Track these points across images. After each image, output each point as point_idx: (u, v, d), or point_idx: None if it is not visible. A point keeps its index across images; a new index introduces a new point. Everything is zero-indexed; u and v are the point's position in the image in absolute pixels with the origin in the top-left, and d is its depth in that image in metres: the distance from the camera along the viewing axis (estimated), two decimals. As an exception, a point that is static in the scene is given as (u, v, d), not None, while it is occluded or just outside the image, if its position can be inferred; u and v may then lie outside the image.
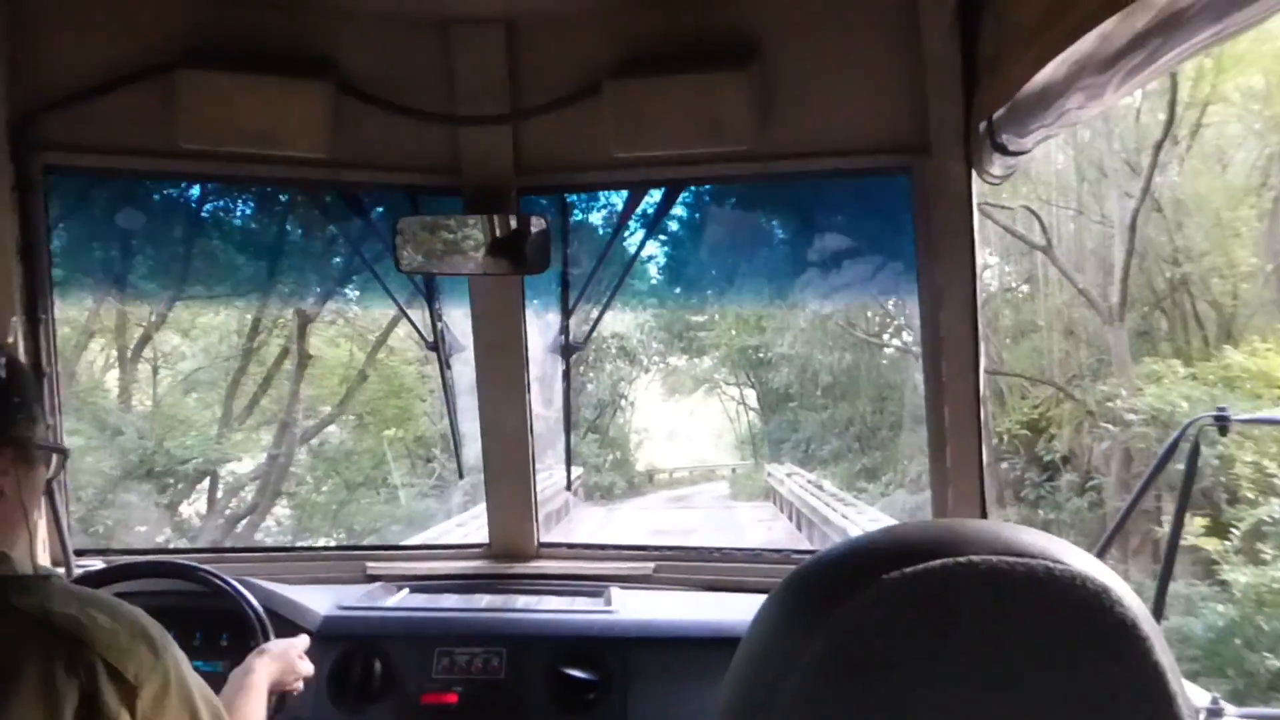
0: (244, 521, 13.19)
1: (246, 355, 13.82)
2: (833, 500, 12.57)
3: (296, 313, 12.34)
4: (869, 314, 17.68)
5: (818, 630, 0.67)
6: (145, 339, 13.19)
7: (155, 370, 14.21)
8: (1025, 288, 16.27)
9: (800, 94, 2.22)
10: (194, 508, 13.50)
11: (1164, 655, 0.66)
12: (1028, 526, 0.72)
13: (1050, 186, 14.80)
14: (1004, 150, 1.93)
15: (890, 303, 15.57)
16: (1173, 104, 12.41)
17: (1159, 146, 12.75)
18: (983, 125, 1.97)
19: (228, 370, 13.98)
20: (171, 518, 12.72)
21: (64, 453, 1.57)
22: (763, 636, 0.74)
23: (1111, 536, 2.09)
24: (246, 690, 1.72)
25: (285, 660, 1.88)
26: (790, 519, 14.87)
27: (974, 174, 2.15)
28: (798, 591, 0.73)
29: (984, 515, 2.32)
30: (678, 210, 2.63)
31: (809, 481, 15.09)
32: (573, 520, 15.36)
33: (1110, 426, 12.37)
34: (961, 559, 0.66)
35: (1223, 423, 2.05)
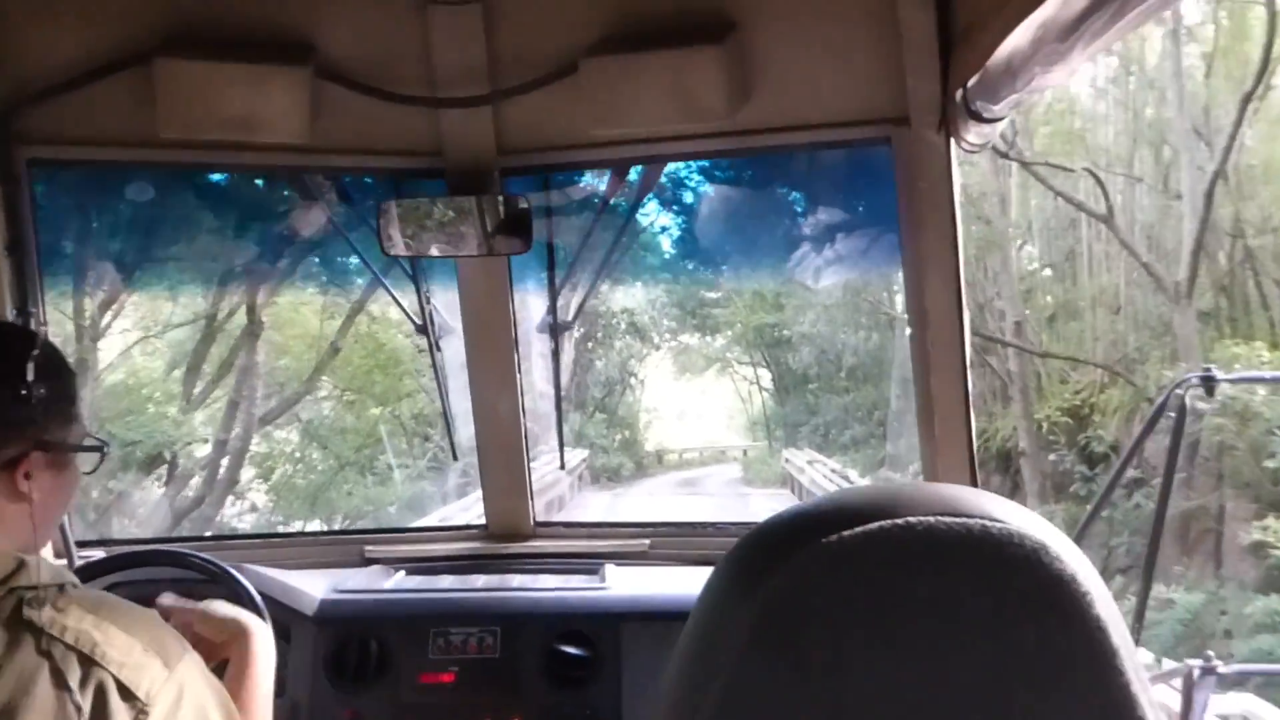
0: (202, 506, 13.08)
1: (207, 340, 13.68)
2: (860, 492, 12.00)
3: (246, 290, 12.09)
4: (895, 288, 16.72)
5: (753, 597, 0.66)
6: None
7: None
8: (1065, 264, 15.40)
9: (777, 67, 2.22)
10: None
11: (1106, 609, 0.66)
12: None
13: (1105, 152, 13.79)
14: (979, 118, 1.93)
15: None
16: (1269, 44, 11.22)
17: (1247, 99, 11.73)
18: (958, 94, 1.97)
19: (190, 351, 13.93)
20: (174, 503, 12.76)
21: (102, 449, 1.47)
22: (708, 605, 0.73)
23: (1094, 512, 2.10)
24: (249, 678, 1.64)
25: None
26: (810, 509, 14.31)
27: (953, 143, 2.15)
28: (738, 560, 0.72)
29: (974, 484, 2.33)
30: (668, 188, 2.63)
31: (833, 470, 14.33)
32: (573, 507, 14.55)
33: (1174, 415, 11.63)
34: (899, 520, 0.65)
35: (1209, 383, 2.06)
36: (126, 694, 1.19)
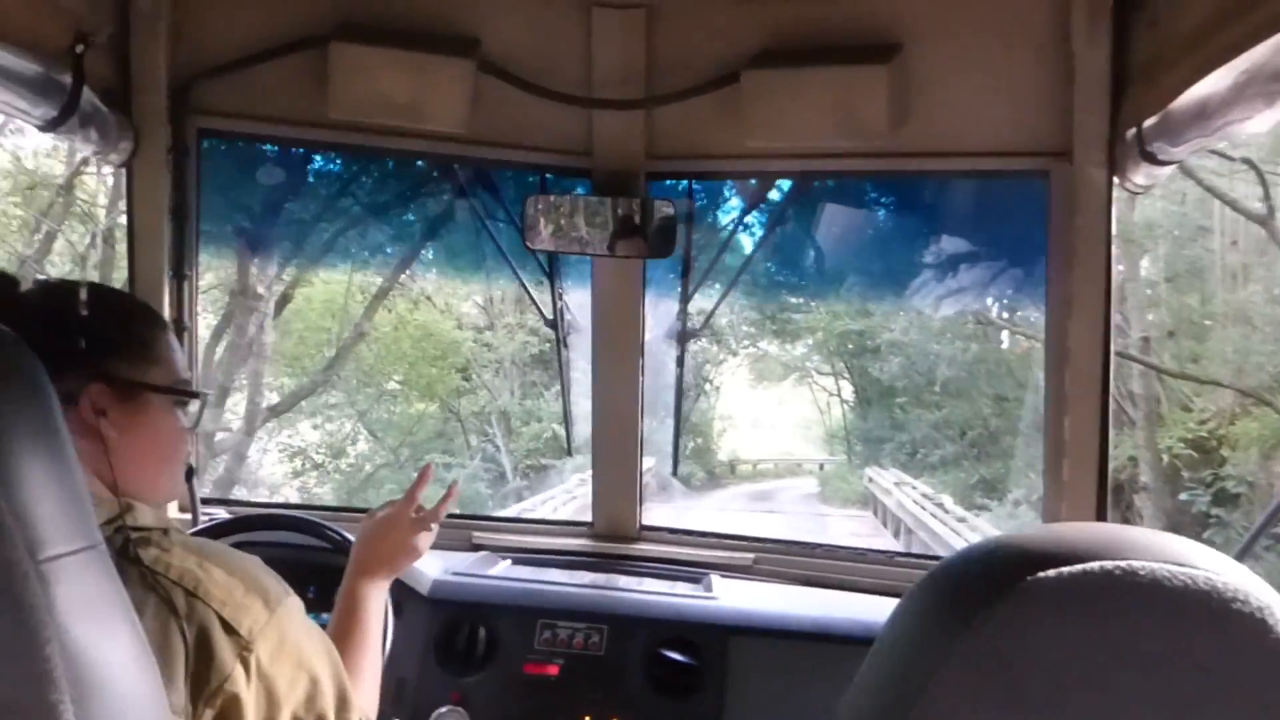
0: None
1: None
2: (957, 525, 10.96)
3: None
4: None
5: (965, 628, 0.65)
6: (285, 298, 13.31)
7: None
8: (1188, 277, 13.72)
9: (939, 92, 2.19)
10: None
11: None
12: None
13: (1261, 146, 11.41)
14: (1152, 159, 1.88)
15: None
16: None
17: None
18: (1130, 133, 1.92)
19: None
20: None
21: (196, 395, 1.48)
22: (903, 635, 0.72)
23: (1253, 540, 2.00)
24: (356, 632, 1.66)
25: (393, 549, 1.77)
26: (896, 535, 13.28)
27: (1115, 182, 2.10)
28: (943, 588, 0.71)
29: None
30: (804, 204, 2.61)
31: (924, 496, 13.12)
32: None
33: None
34: (1121, 563, 0.64)
35: None
36: (230, 630, 1.21)
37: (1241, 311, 12.59)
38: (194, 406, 1.51)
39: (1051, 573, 0.64)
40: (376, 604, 1.74)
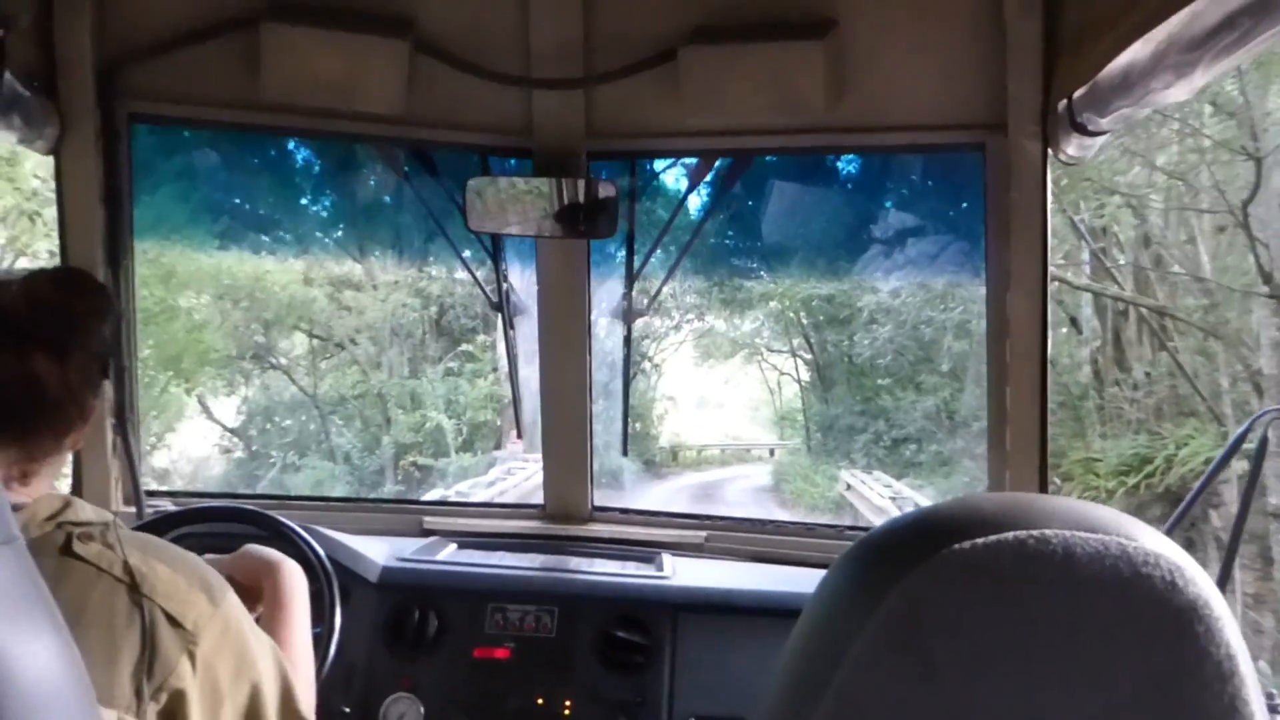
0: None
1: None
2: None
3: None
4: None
5: (882, 598, 0.65)
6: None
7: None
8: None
9: (876, 67, 2.20)
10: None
11: (1236, 637, 0.65)
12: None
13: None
14: (1083, 130, 1.90)
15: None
16: None
17: None
18: (1062, 104, 1.94)
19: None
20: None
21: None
22: (826, 605, 0.73)
23: (1177, 520, 2.06)
24: (283, 625, 1.60)
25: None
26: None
27: (1050, 153, 2.12)
28: (864, 559, 0.72)
29: None
30: (746, 180, 2.62)
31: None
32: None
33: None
34: (1035, 532, 0.64)
35: None
36: (175, 623, 1.21)
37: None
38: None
39: (967, 544, 0.65)
40: (298, 586, 1.67)
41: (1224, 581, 1.83)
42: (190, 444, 14.29)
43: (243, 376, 14.69)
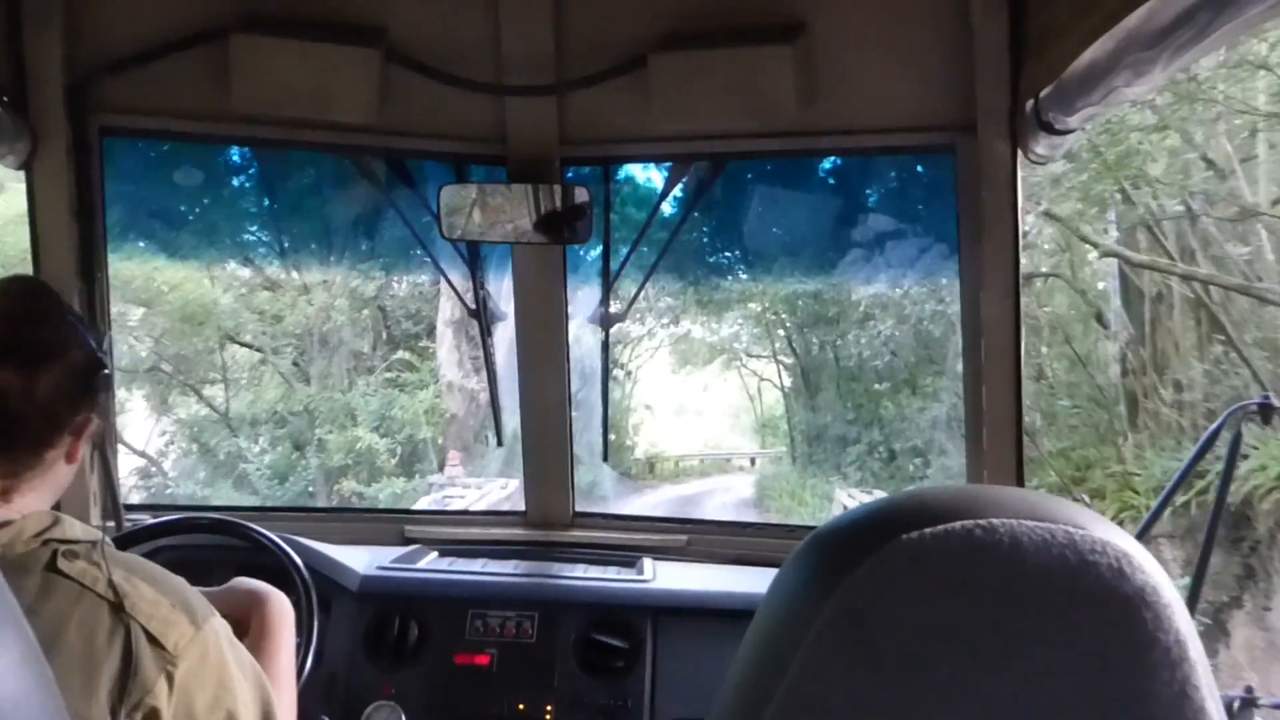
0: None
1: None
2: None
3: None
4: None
5: (832, 591, 0.66)
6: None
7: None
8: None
9: (845, 70, 2.21)
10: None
11: (1185, 623, 0.65)
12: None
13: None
14: (1050, 129, 1.91)
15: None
16: None
17: None
18: (1029, 104, 1.96)
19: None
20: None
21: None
22: (778, 603, 0.73)
23: (1150, 522, 2.07)
24: (267, 657, 1.60)
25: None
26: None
27: (1019, 153, 2.14)
28: (814, 554, 0.72)
29: None
30: (721, 184, 2.63)
31: None
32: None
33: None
34: (982, 521, 0.65)
35: (1268, 411, 2.01)
36: (155, 643, 1.21)
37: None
38: None
39: (915, 534, 0.65)
40: (283, 617, 1.68)
41: (1194, 596, 1.83)
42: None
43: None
